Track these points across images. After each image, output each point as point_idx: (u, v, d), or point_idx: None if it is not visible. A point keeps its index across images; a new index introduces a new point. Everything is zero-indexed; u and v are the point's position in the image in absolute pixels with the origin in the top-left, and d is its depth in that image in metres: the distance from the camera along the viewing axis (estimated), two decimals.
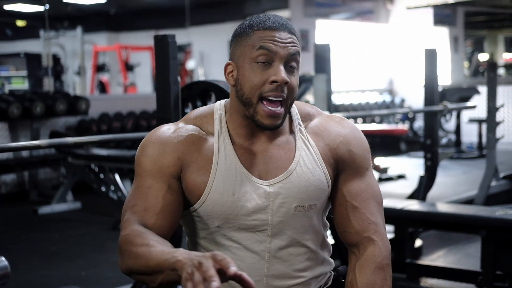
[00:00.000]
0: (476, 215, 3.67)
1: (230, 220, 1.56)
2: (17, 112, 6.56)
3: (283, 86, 1.51)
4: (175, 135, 1.58)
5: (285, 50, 1.51)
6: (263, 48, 1.51)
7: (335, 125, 1.65)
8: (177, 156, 1.56)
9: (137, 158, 1.60)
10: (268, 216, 1.57)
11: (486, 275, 3.55)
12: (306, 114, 1.66)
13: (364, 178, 1.64)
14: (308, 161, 1.59)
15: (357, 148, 1.64)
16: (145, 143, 1.60)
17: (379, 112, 7.55)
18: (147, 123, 7.77)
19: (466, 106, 6.80)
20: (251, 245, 1.58)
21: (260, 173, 1.57)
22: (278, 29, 1.52)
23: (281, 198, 1.57)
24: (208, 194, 1.55)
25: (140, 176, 1.57)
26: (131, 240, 1.45)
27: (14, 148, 3.31)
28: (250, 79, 1.52)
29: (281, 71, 1.50)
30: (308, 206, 1.59)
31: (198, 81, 3.14)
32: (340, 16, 11.54)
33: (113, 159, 6.00)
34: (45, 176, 7.23)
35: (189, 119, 1.64)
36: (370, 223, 1.61)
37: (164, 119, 2.75)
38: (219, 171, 1.55)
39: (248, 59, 1.53)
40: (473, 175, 7.44)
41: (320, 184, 1.60)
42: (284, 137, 1.61)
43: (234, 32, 1.60)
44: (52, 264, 4.54)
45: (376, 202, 1.64)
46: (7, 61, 13.20)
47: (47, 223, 5.91)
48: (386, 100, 11.19)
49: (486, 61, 14.89)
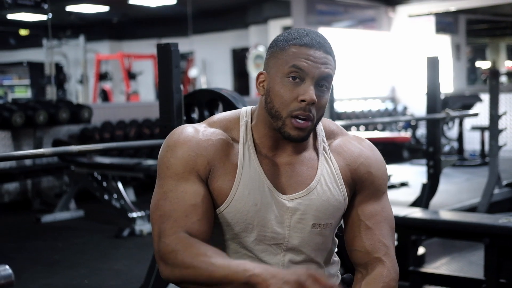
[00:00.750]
0: (479, 223, 3.66)
1: (248, 229, 1.56)
2: (20, 120, 6.57)
3: (311, 105, 1.50)
4: (204, 138, 1.56)
5: (318, 70, 1.50)
6: (296, 66, 1.50)
7: (357, 146, 1.66)
8: (207, 160, 1.54)
9: (164, 159, 1.56)
10: (285, 230, 1.57)
11: (489, 283, 3.54)
12: (331, 132, 1.67)
13: (380, 201, 1.65)
14: (329, 179, 1.60)
15: (377, 170, 1.65)
16: (172, 144, 1.56)
17: (381, 120, 7.54)
18: (149, 131, 7.78)
19: (468, 114, 6.79)
20: (265, 257, 1.58)
21: (281, 186, 1.57)
22: (313, 47, 1.51)
23: (299, 214, 1.57)
24: (231, 201, 1.55)
25: (170, 179, 1.53)
26: (181, 250, 1.43)
27: (18, 157, 3.31)
28: (280, 93, 1.52)
29: (310, 90, 1.49)
30: (324, 224, 1.60)
31: (202, 89, 3.15)
32: (342, 24, 11.56)
33: (116, 167, 6.00)
34: (48, 184, 7.23)
35: (213, 123, 1.62)
36: (382, 245, 1.61)
37: (167, 127, 2.76)
38: (243, 180, 1.55)
39: (280, 73, 1.52)
40: (476, 182, 7.43)
41: (337, 204, 1.61)
42: (308, 153, 1.61)
43: (271, 42, 1.58)
44: (55, 273, 4.54)
45: (389, 226, 1.65)
46: (10, 70, 13.23)
47: (50, 231, 5.91)
48: (388, 107, 11.19)
49: (488, 69, 14.90)
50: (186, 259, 1.42)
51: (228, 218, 1.56)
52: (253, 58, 12.46)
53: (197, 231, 1.49)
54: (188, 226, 1.48)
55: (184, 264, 1.42)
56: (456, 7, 11.98)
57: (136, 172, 5.82)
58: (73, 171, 6.30)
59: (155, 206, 1.53)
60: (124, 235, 5.51)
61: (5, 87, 12.89)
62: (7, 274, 2.51)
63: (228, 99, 2.78)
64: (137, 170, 5.75)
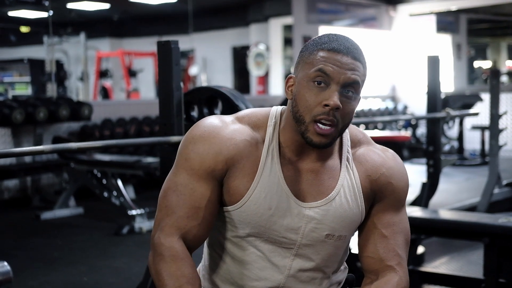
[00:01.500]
0: (478, 222, 3.66)
1: (260, 231, 1.56)
2: (20, 117, 6.57)
3: (335, 110, 1.48)
4: (229, 136, 1.55)
5: (343, 76, 1.48)
6: (321, 70, 1.48)
7: (380, 155, 1.64)
8: (226, 160, 1.54)
9: (185, 150, 1.56)
10: (298, 237, 1.57)
11: (488, 283, 3.53)
12: (357, 141, 1.65)
13: (399, 212, 1.64)
14: (348, 192, 1.58)
15: (398, 182, 1.63)
16: (196, 136, 1.56)
17: (381, 119, 7.53)
18: (149, 128, 7.78)
19: (469, 113, 6.79)
20: (274, 258, 1.58)
21: (300, 193, 1.56)
22: (341, 53, 1.49)
23: (314, 223, 1.56)
24: (245, 202, 1.54)
25: (185, 171, 1.55)
26: (167, 257, 1.50)
27: (18, 154, 3.31)
28: (305, 97, 1.50)
29: (334, 95, 1.47)
30: (338, 236, 1.59)
31: (202, 87, 3.15)
32: (343, 22, 11.56)
33: (115, 165, 6.00)
34: (48, 181, 7.23)
35: (242, 118, 1.61)
36: (395, 254, 1.60)
37: (167, 125, 2.75)
38: (262, 182, 1.54)
39: (307, 78, 1.50)
40: (476, 182, 7.43)
41: (354, 217, 1.60)
42: (331, 161, 1.59)
43: (303, 47, 1.57)
44: (54, 270, 4.54)
45: (405, 238, 1.64)
46: (10, 67, 13.23)
47: (50, 228, 5.91)
48: (389, 106, 11.19)
49: (488, 68, 14.89)
50: (163, 269, 1.49)
51: (240, 218, 1.56)
52: (254, 56, 12.46)
53: (193, 236, 1.54)
54: (187, 229, 1.53)
55: (157, 271, 1.51)
56: (457, 7, 11.98)
57: (136, 170, 5.83)
58: (73, 168, 6.30)
59: (165, 193, 1.57)
60: (124, 233, 5.51)
61: (6, 84, 12.89)
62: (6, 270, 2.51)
63: (228, 97, 2.78)
64: (137, 167, 5.75)
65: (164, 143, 2.74)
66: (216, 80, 13.93)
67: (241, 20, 13.53)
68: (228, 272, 1.62)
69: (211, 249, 1.66)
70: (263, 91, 12.46)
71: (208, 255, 1.68)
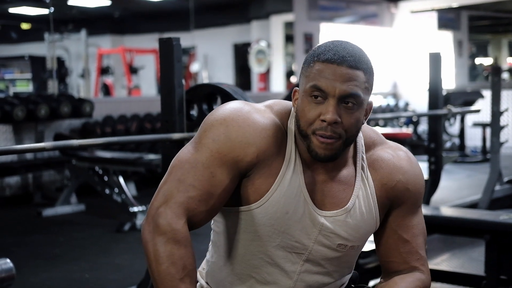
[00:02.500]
0: (480, 219, 3.66)
1: (273, 235, 1.52)
2: (22, 114, 6.57)
3: (334, 125, 1.42)
4: (264, 127, 1.48)
5: (338, 89, 1.42)
6: (315, 86, 1.43)
7: (396, 158, 1.59)
8: (257, 153, 1.47)
9: (215, 131, 1.48)
10: (310, 243, 1.54)
11: (490, 280, 3.53)
12: (371, 143, 1.60)
13: (416, 214, 1.62)
14: (363, 202, 1.55)
15: (414, 187, 1.59)
16: (229, 119, 1.48)
17: (383, 116, 7.52)
18: (151, 125, 7.78)
19: (470, 110, 6.79)
20: (283, 264, 1.55)
21: (317, 201, 1.53)
22: (335, 63, 1.42)
23: (328, 232, 1.53)
24: (263, 203, 1.49)
25: (209, 152, 1.47)
26: (169, 237, 1.41)
27: (19, 151, 3.31)
28: (304, 112, 1.45)
29: (330, 110, 1.42)
30: (350, 247, 1.57)
31: (203, 83, 3.15)
32: (344, 19, 11.55)
33: (117, 162, 6.00)
34: (49, 178, 7.24)
35: (273, 110, 1.54)
36: (419, 257, 1.60)
37: (169, 122, 2.75)
38: (283, 184, 1.49)
39: (305, 92, 1.45)
40: (477, 179, 7.43)
41: (368, 228, 1.57)
42: (345, 171, 1.55)
43: (304, 58, 1.51)
44: (55, 267, 4.55)
45: (424, 239, 1.64)
46: (11, 64, 13.23)
47: (51, 225, 5.91)
48: (390, 103, 11.19)
49: (490, 65, 14.87)
50: (164, 253, 1.41)
51: (255, 219, 1.51)
52: (255, 53, 12.46)
53: (198, 221, 1.47)
54: (195, 213, 1.45)
55: (157, 252, 1.41)
56: (458, 3, 11.96)
57: (137, 167, 5.83)
58: (74, 165, 6.30)
59: (181, 163, 1.48)
60: (125, 230, 5.52)
61: (7, 81, 12.90)
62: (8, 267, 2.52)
63: (229, 93, 2.78)
64: (138, 164, 5.75)
65: (165, 140, 2.74)
66: (218, 77, 13.92)
67: (242, 17, 13.53)
68: (235, 273, 1.59)
69: (220, 248, 1.62)
70: (264, 88, 12.46)
71: (215, 253, 1.64)
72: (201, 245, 1.73)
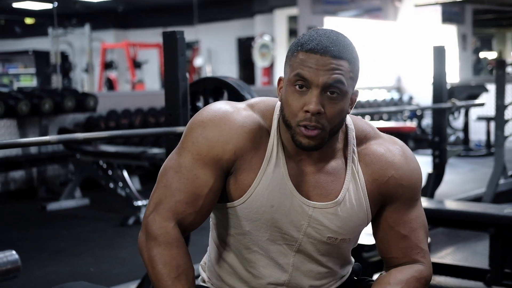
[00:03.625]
0: (484, 213, 3.66)
1: (261, 229, 1.52)
2: (26, 109, 6.58)
3: (317, 115, 1.42)
4: (240, 123, 1.49)
5: (321, 78, 1.41)
6: (299, 75, 1.42)
7: (389, 153, 1.56)
8: (235, 150, 1.48)
9: (193, 133, 1.51)
10: (299, 235, 1.53)
11: (494, 273, 3.54)
12: (363, 136, 1.58)
13: (414, 208, 1.59)
14: (354, 196, 1.53)
15: (408, 182, 1.56)
16: (206, 120, 1.51)
17: (387, 110, 7.50)
18: (155, 120, 7.78)
19: (474, 104, 6.78)
20: (276, 257, 1.55)
21: (304, 192, 1.52)
22: (318, 53, 1.41)
23: (317, 224, 1.52)
24: (247, 198, 1.50)
25: (190, 154, 1.49)
26: (161, 242, 1.46)
27: (24, 144, 3.32)
28: (288, 102, 1.45)
29: (313, 101, 1.41)
30: (341, 239, 1.55)
31: (207, 77, 3.15)
32: (348, 13, 11.52)
33: (121, 156, 6.01)
34: (54, 172, 7.25)
35: (253, 107, 1.55)
36: (420, 251, 1.58)
37: (173, 116, 2.76)
38: (265, 178, 1.49)
39: (289, 81, 1.45)
40: (481, 173, 7.42)
41: (359, 221, 1.56)
42: (334, 162, 1.54)
43: (288, 47, 1.51)
44: (60, 260, 4.56)
45: (424, 232, 1.61)
46: (15, 59, 13.26)
47: (56, 219, 5.92)
48: (394, 97, 11.17)
49: (494, 59, 14.84)
50: (157, 256, 1.45)
51: (241, 215, 1.52)
52: (259, 47, 12.45)
53: (189, 223, 1.50)
54: (184, 215, 1.48)
55: (150, 256, 1.46)
56: None
57: (141, 161, 5.83)
58: (79, 159, 6.31)
59: (165, 171, 1.52)
60: (129, 224, 5.53)
61: (11, 76, 12.93)
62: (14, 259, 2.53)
63: (234, 87, 2.78)
64: (143, 158, 5.76)
65: (169, 133, 2.75)
66: (221, 71, 13.92)
67: (246, 11, 13.51)
68: (232, 267, 1.60)
69: (216, 243, 1.63)
70: (268, 82, 12.45)
71: (213, 249, 1.65)
72: (205, 239, 1.74)
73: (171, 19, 13.86)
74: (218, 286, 1.65)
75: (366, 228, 1.63)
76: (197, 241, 1.53)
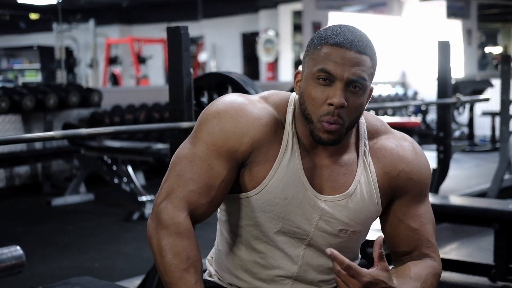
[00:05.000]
0: (489, 208, 3.65)
1: (273, 220, 1.53)
2: (31, 104, 6.59)
3: (340, 108, 1.44)
4: (256, 115, 1.50)
5: (347, 73, 1.43)
6: (323, 69, 1.44)
7: (400, 148, 1.59)
8: (251, 142, 1.49)
9: (209, 124, 1.50)
10: (311, 228, 1.54)
11: (499, 269, 3.53)
12: (374, 130, 1.60)
13: (423, 203, 1.61)
14: (365, 188, 1.55)
15: (418, 176, 1.59)
16: (222, 111, 1.51)
17: (391, 105, 7.51)
18: (159, 115, 7.78)
19: (479, 99, 6.77)
20: (286, 249, 1.56)
21: (316, 185, 1.53)
22: (344, 47, 1.43)
23: (328, 217, 1.54)
24: (261, 189, 1.51)
25: (205, 145, 1.49)
26: (172, 231, 1.45)
27: (28, 139, 3.33)
28: (311, 95, 1.46)
29: (337, 94, 1.43)
30: (352, 232, 1.57)
31: (211, 72, 3.15)
32: (352, 8, 11.50)
33: (125, 151, 6.01)
34: (58, 168, 7.26)
35: (267, 100, 1.56)
36: (430, 245, 1.59)
37: (177, 111, 2.75)
38: (280, 170, 1.50)
39: (311, 75, 1.46)
40: (486, 168, 7.40)
41: (370, 214, 1.57)
42: (347, 156, 1.55)
43: (309, 40, 1.51)
44: (65, 256, 4.57)
45: (433, 227, 1.62)
46: (20, 54, 13.28)
47: (60, 214, 5.94)
48: (398, 92, 11.14)
49: (499, 54, 14.80)
50: (167, 246, 1.44)
51: (254, 205, 1.52)
52: (263, 42, 12.43)
53: (201, 214, 1.50)
54: (196, 206, 1.48)
55: (160, 245, 1.45)
56: None
57: (146, 156, 5.84)
58: (83, 154, 6.32)
59: (179, 159, 1.51)
60: (134, 219, 5.53)
61: (16, 71, 12.94)
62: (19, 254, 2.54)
63: (238, 82, 2.78)
64: (147, 154, 5.76)
65: (174, 129, 2.75)
66: (226, 66, 13.91)
67: (250, 6, 13.49)
68: (241, 260, 1.60)
69: (225, 235, 1.64)
70: (273, 78, 12.44)
71: (221, 241, 1.65)
72: (210, 234, 1.74)
73: (175, 15, 13.85)
74: (226, 278, 1.66)
75: (373, 224, 1.63)
76: (202, 236, 1.53)
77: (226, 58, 14.45)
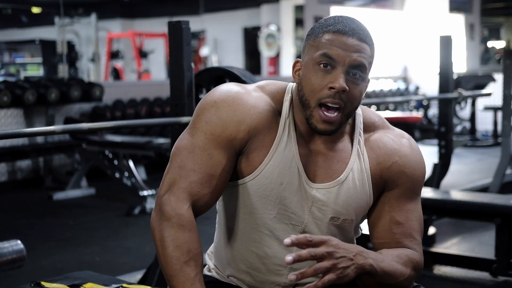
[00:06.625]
0: (490, 203, 3.65)
1: (269, 206, 1.54)
2: (32, 98, 6.59)
3: (341, 93, 1.46)
4: (252, 104, 1.52)
5: (349, 58, 1.46)
6: (326, 54, 1.46)
7: (395, 142, 1.59)
8: (248, 130, 1.50)
9: (207, 113, 1.52)
10: (305, 215, 1.55)
11: (500, 263, 3.53)
12: (371, 124, 1.61)
13: (413, 201, 1.59)
14: (357, 177, 1.56)
15: (412, 171, 1.58)
16: (219, 100, 1.53)
17: (393, 100, 7.50)
18: (161, 109, 7.78)
19: (481, 94, 6.75)
20: (282, 237, 1.55)
21: (310, 172, 1.55)
22: (347, 34, 1.46)
23: (320, 205, 1.55)
24: (258, 174, 1.52)
25: (204, 134, 1.51)
26: (174, 223, 1.45)
27: (29, 134, 3.33)
28: (311, 81, 1.48)
29: (340, 78, 1.45)
30: (343, 220, 1.57)
31: (212, 67, 3.14)
32: (354, 2, 11.48)
33: (127, 146, 6.02)
34: (60, 162, 7.27)
35: (264, 89, 1.58)
36: (413, 239, 1.57)
37: (178, 105, 2.75)
38: (276, 156, 1.52)
39: (312, 60, 1.48)
40: (488, 163, 7.40)
41: (361, 203, 1.57)
42: (341, 144, 1.57)
43: (309, 30, 1.54)
44: (66, 250, 4.58)
45: (419, 226, 1.60)
46: (22, 48, 13.28)
47: (62, 209, 5.94)
48: (400, 87, 11.14)
49: (502, 48, 14.77)
50: (169, 237, 1.45)
51: (250, 191, 1.54)
52: (265, 37, 12.41)
53: (203, 204, 1.51)
54: (199, 196, 1.49)
55: (162, 237, 1.45)
56: None
57: (147, 151, 5.84)
58: (85, 149, 6.33)
59: (179, 151, 1.52)
60: (135, 213, 5.54)
61: (18, 65, 12.95)
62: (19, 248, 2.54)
63: (238, 77, 2.77)
64: (148, 148, 5.76)
65: (175, 123, 2.75)
66: (227, 61, 13.90)
67: (252, 0, 13.47)
68: (238, 250, 1.61)
69: (222, 226, 1.65)
70: (274, 72, 12.43)
71: (219, 232, 1.67)
72: (210, 228, 1.74)
73: (177, 9, 13.84)
74: (224, 271, 1.67)
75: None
76: (203, 231, 1.53)
77: (228, 53, 14.43)
